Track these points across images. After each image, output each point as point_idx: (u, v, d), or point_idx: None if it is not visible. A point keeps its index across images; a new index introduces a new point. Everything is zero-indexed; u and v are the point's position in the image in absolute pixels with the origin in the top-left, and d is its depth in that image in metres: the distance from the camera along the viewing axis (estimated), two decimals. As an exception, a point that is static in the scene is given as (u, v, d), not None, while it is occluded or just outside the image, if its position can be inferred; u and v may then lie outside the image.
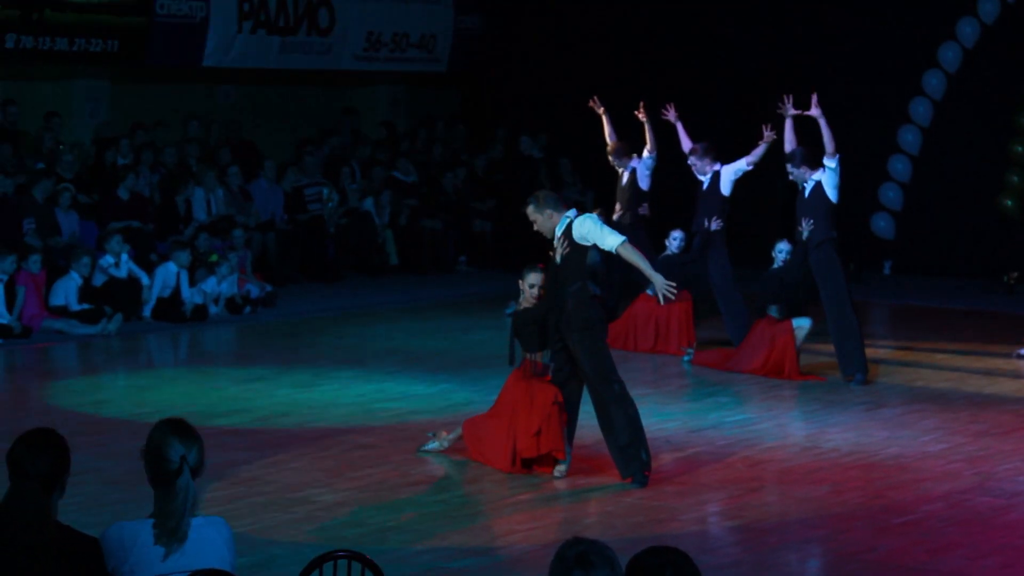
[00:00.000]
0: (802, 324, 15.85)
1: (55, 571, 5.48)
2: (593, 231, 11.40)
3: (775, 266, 16.08)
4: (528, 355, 11.91)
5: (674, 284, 11.46)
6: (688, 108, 23.39)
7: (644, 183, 17.80)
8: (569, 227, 11.51)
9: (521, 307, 11.92)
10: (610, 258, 11.59)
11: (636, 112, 17.49)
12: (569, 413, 11.80)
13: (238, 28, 21.87)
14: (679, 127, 17.24)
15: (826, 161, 15.48)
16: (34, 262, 17.64)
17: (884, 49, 23.26)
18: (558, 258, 11.60)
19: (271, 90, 24.56)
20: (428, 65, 25.05)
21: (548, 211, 11.62)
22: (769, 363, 15.84)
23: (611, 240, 11.37)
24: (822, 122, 15.38)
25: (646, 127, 17.43)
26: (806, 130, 16.19)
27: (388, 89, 26.01)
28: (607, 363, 11.55)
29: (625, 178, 18.00)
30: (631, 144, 18.07)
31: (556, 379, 11.78)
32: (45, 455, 5.69)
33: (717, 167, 16.81)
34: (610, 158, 18.32)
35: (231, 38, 21.82)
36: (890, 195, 23.38)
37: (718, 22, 24.33)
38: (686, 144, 17.07)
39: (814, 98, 15.43)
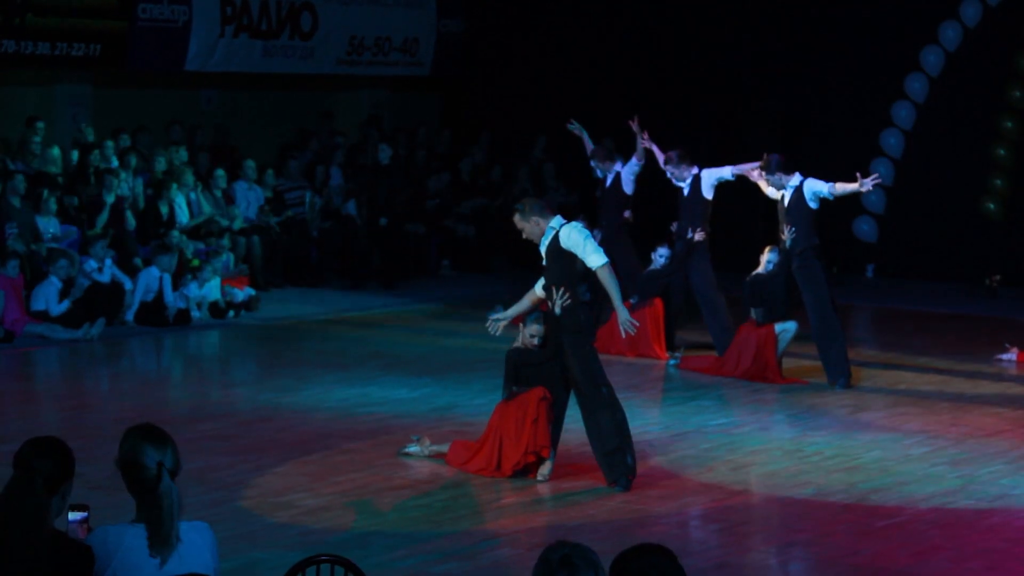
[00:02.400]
0: (787, 327, 15.87)
1: (48, 574, 5.48)
2: (579, 244, 11.46)
3: (760, 271, 16.09)
4: (520, 388, 11.86)
5: (637, 323, 11.92)
6: (668, 113, 23.47)
7: (628, 188, 17.79)
8: (556, 236, 11.54)
9: (518, 346, 11.90)
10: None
11: (629, 122, 17.35)
12: (555, 417, 11.81)
13: (220, 32, 21.84)
14: (655, 149, 17.19)
15: (825, 190, 15.38)
16: (12, 266, 17.59)
17: (867, 53, 23.29)
18: (545, 264, 11.65)
19: (254, 94, 24.53)
20: (411, 69, 25.05)
21: (534, 218, 11.67)
22: (752, 367, 15.85)
23: (594, 259, 11.45)
24: (857, 187, 15.26)
25: (638, 138, 17.29)
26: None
27: (371, 93, 26.00)
28: (596, 367, 11.59)
29: (609, 182, 17.97)
30: (616, 149, 18.07)
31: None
32: (50, 457, 5.74)
33: (695, 170, 16.79)
34: (592, 163, 18.29)
35: (213, 42, 21.79)
36: (872, 198, 23.40)
37: (701, 27, 24.35)
38: (663, 160, 17.06)
39: (871, 178, 15.27)
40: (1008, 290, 21.86)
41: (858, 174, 15.16)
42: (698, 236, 16.70)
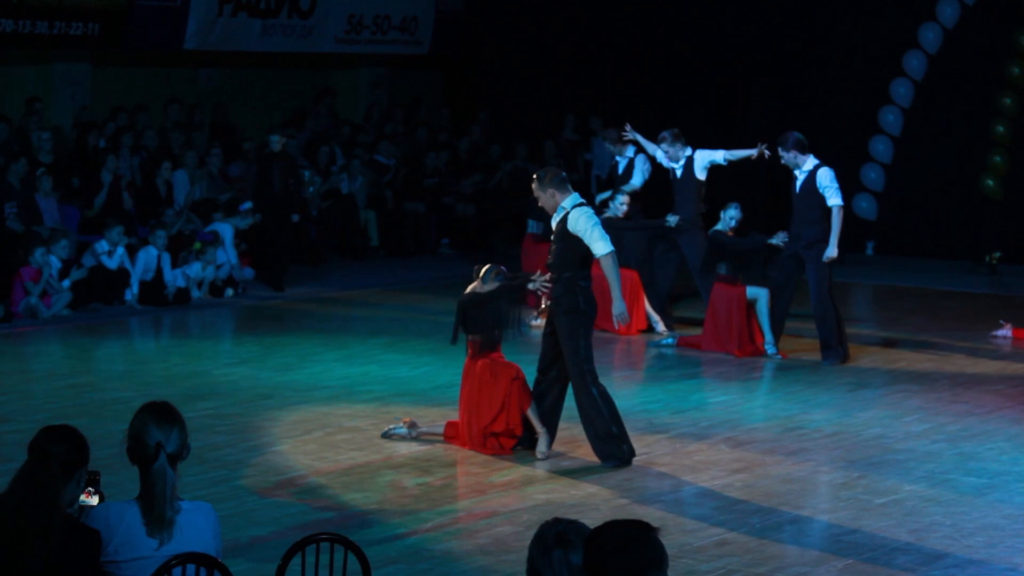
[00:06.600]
0: (758, 294, 15.85)
1: (57, 556, 5.50)
2: (586, 230, 11.43)
3: (719, 227, 16.06)
4: (470, 336, 11.96)
5: (629, 318, 12.29)
6: (667, 91, 23.45)
7: (638, 179, 17.83)
8: (565, 217, 11.53)
9: (471, 290, 12.00)
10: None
11: (623, 134, 17.35)
12: (556, 394, 11.84)
13: (219, 11, 21.80)
14: (638, 137, 17.22)
15: (833, 203, 15.38)
16: (40, 253, 17.56)
17: (864, 30, 23.27)
18: (552, 239, 11.68)
19: (252, 73, 24.51)
20: (410, 47, 25.02)
21: (551, 190, 11.65)
22: (743, 342, 15.87)
23: (599, 246, 11.43)
24: (833, 242, 15.36)
25: (643, 145, 17.28)
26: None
27: (369, 71, 25.98)
28: (584, 351, 11.55)
29: (621, 168, 18.00)
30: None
31: (542, 363, 11.84)
32: (65, 443, 5.78)
33: (689, 151, 16.80)
34: (607, 146, 18.33)
35: (212, 21, 21.75)
36: (872, 176, 23.40)
37: (700, 6, 24.32)
38: (651, 148, 17.09)
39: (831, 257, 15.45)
40: (1007, 267, 21.86)
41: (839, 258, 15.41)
42: (674, 222, 16.64)
